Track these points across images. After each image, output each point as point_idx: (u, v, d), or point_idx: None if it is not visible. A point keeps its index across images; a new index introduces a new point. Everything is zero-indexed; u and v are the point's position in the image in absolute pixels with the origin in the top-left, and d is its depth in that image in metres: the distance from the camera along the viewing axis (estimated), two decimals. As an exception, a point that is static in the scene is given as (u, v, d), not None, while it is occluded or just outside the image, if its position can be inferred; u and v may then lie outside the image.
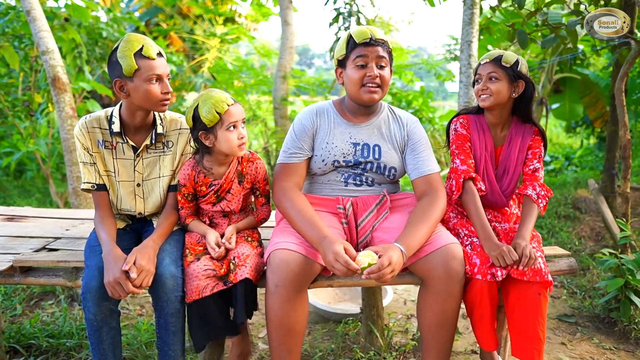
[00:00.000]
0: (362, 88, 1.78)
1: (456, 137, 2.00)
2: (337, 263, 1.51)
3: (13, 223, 2.22)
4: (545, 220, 4.31)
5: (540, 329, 1.66)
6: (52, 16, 3.94)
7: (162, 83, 1.68)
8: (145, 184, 1.83)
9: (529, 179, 1.95)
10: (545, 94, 5.17)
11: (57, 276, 1.75)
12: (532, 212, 1.84)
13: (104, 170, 1.80)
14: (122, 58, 1.63)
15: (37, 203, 4.84)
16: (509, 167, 1.98)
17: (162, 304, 1.63)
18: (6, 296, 2.89)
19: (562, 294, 3.08)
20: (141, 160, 1.81)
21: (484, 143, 1.98)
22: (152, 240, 1.70)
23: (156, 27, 8.30)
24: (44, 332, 2.40)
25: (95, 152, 1.77)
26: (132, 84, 1.66)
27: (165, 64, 1.69)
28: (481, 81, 1.94)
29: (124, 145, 1.79)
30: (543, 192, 1.89)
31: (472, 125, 2.01)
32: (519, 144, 1.97)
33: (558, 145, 8.91)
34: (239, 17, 9.23)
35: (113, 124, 1.74)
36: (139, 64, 1.63)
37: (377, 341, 2.36)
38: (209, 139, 1.72)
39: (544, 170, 2.01)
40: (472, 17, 3.87)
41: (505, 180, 1.99)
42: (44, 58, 3.10)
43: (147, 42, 1.66)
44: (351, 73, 1.78)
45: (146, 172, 1.83)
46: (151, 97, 1.67)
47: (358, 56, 1.75)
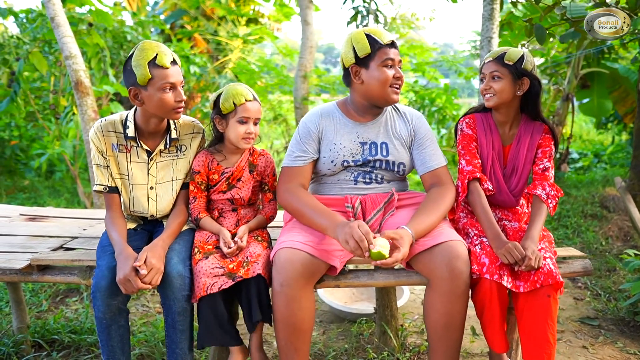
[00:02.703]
0: (390, 88, 1.82)
1: (462, 137, 1.98)
2: (352, 239, 1.53)
3: (34, 223, 2.31)
4: (570, 219, 4.19)
5: (550, 332, 1.62)
6: (77, 21, 4.06)
7: (175, 91, 1.71)
8: (158, 187, 1.87)
9: (538, 178, 1.91)
10: (571, 89, 5.01)
11: (72, 274, 1.81)
12: (541, 212, 1.80)
13: (118, 173, 1.84)
14: (136, 67, 1.66)
15: (65, 203, 5.00)
16: (517, 166, 1.94)
17: (170, 303, 1.67)
18: (33, 292, 3.00)
19: (586, 296, 2.99)
20: (155, 164, 1.85)
21: (492, 142, 1.95)
22: (161, 239, 1.73)
23: (181, 29, 8.45)
24: (67, 327, 2.47)
25: (110, 156, 1.81)
26: (146, 92, 1.69)
27: (178, 72, 1.72)
28: (485, 80, 1.91)
29: (138, 149, 1.82)
30: (553, 192, 1.85)
31: (479, 125, 1.98)
32: (528, 143, 1.93)
33: (588, 142, 8.64)
34: (262, 18, 9.30)
35: (127, 128, 1.78)
36: (152, 73, 1.66)
37: (390, 342, 2.34)
38: (222, 124, 1.85)
39: (568, 168, 1.98)
40: (493, 13, 3.80)
41: (513, 179, 1.96)
42: (68, 62, 3.21)
43: (162, 50, 1.68)
44: (378, 73, 1.79)
45: (160, 175, 1.86)
46: (165, 106, 1.70)
47: (387, 58, 1.78)
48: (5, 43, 5.14)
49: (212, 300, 1.67)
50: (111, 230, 1.76)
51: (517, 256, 1.62)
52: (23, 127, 5.79)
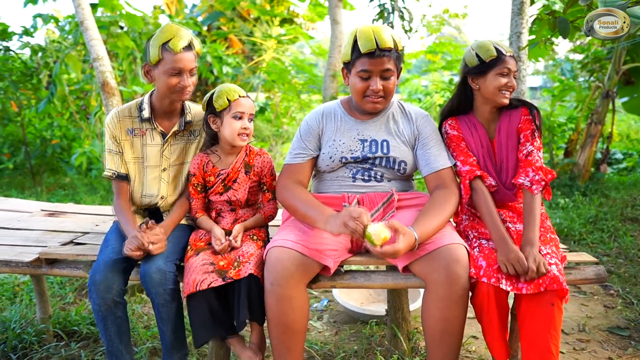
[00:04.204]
0: (365, 98, 1.78)
1: (449, 139, 1.91)
2: (351, 219, 1.50)
3: (52, 218, 2.40)
4: (607, 222, 3.97)
5: (553, 342, 1.52)
6: (108, 25, 4.22)
7: (181, 76, 1.78)
8: (171, 169, 1.93)
9: (522, 165, 1.80)
10: (612, 86, 4.74)
11: (78, 268, 1.87)
12: (532, 206, 1.70)
13: (133, 157, 1.92)
14: (152, 46, 1.77)
15: (100, 200, 5.19)
16: (502, 157, 1.86)
17: (152, 297, 1.70)
18: (61, 285, 3.13)
19: (617, 304, 2.82)
20: (169, 146, 1.92)
21: (479, 140, 1.88)
22: (167, 220, 1.87)
23: (217, 30, 8.62)
24: (87, 320, 2.56)
25: (124, 140, 1.90)
26: (156, 72, 1.80)
27: (190, 58, 1.79)
28: (508, 76, 1.81)
29: (153, 132, 1.91)
30: (538, 177, 1.73)
31: (463, 125, 1.91)
32: (507, 130, 1.85)
33: (636, 142, 8.16)
34: (297, 18, 9.35)
35: (143, 110, 1.88)
36: (163, 55, 1.76)
37: (401, 345, 2.29)
38: (216, 123, 1.84)
39: (608, 169, 1.88)
40: (522, 8, 3.66)
41: (503, 172, 1.87)
42: (95, 64, 3.33)
43: (180, 34, 1.76)
44: (354, 82, 1.77)
45: (172, 157, 1.93)
46: (168, 88, 1.79)
47: (362, 69, 1.73)
48: (47, 47, 5.42)
49: (203, 295, 1.67)
50: (120, 215, 1.85)
51: (519, 269, 1.54)
52: (64, 127, 6.07)
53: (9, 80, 5.38)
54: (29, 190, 5.67)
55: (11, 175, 6.29)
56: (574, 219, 4.06)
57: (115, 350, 1.75)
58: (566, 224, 3.96)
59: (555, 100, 5.93)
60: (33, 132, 6.09)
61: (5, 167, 5.95)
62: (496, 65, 1.79)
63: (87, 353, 2.25)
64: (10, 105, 5.83)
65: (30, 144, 6.03)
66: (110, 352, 1.76)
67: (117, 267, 1.70)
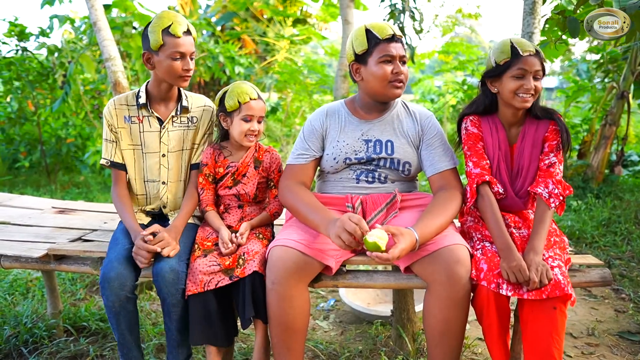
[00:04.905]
0: (390, 84, 1.77)
1: (467, 137, 1.85)
2: (344, 232, 1.50)
3: (62, 215, 2.45)
4: (621, 225, 3.90)
5: (555, 347, 1.50)
6: (122, 25, 4.27)
7: (184, 60, 1.81)
8: (170, 155, 1.96)
9: (542, 175, 1.75)
10: (627, 86, 4.65)
11: (85, 265, 1.90)
12: (544, 216, 1.67)
13: (131, 144, 1.94)
14: (151, 33, 1.79)
15: (113, 198, 5.26)
16: (522, 165, 1.80)
17: (164, 296, 1.72)
18: (72, 281, 3.18)
19: (629, 308, 2.77)
20: (167, 133, 1.94)
21: (498, 142, 1.82)
22: (177, 221, 1.86)
23: (230, 30, 8.67)
24: (96, 316, 2.61)
25: (121, 128, 1.92)
26: (157, 57, 1.81)
27: (191, 42, 1.83)
28: (526, 78, 1.69)
29: (150, 119, 1.93)
30: (557, 191, 1.69)
31: (485, 123, 1.85)
32: (532, 138, 1.79)
33: (654, 144, 8.00)
34: (310, 18, 9.37)
35: (140, 97, 1.91)
36: (164, 40, 1.78)
37: (406, 346, 2.28)
38: (226, 121, 1.91)
39: (622, 171, 1.84)
40: (534, 7, 3.60)
41: (518, 180, 1.82)
42: (107, 64, 3.38)
43: (178, 19, 1.79)
44: (375, 70, 1.76)
45: (171, 144, 1.95)
46: (172, 72, 1.81)
47: (385, 54, 1.74)
48: (62, 48, 5.51)
49: (202, 298, 1.69)
50: (118, 206, 1.89)
51: (521, 278, 1.52)
52: (79, 126, 6.16)
53: (26, 80, 5.49)
54: (44, 188, 5.77)
55: (27, 174, 6.41)
56: (586, 222, 4.00)
57: (127, 343, 1.79)
58: (578, 227, 3.91)
59: (569, 101, 5.84)
60: (49, 131, 6.19)
61: (22, 165, 6.06)
62: (510, 67, 1.70)
63: (95, 348, 2.29)
64: (27, 105, 5.94)
65: (46, 143, 6.13)
66: (122, 344, 1.80)
67: (129, 263, 1.73)
